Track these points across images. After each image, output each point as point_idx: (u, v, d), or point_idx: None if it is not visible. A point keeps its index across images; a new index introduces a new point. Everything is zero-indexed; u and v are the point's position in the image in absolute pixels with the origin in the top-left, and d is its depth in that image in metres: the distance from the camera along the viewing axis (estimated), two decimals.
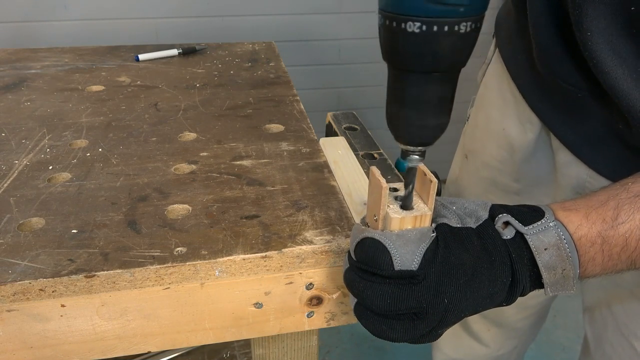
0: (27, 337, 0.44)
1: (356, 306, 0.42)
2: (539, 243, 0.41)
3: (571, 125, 0.61)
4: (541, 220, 0.42)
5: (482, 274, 0.40)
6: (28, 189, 0.54)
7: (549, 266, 0.41)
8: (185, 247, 0.45)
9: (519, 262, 0.41)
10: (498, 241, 0.41)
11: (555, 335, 1.62)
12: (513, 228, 0.41)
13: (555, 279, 0.42)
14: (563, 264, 0.41)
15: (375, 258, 0.39)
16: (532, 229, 0.41)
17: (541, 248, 0.41)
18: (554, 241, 0.41)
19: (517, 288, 0.41)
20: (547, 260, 0.41)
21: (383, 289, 0.39)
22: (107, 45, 1.05)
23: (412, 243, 0.39)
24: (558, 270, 0.41)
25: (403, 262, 0.38)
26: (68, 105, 0.75)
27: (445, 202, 0.43)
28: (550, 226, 0.41)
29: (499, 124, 0.74)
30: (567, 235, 0.41)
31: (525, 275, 0.41)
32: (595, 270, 0.43)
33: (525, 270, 0.41)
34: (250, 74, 0.90)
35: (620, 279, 0.64)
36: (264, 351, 0.57)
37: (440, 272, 0.39)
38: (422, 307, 0.38)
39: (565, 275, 0.42)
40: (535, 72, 0.62)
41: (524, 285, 0.41)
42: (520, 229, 0.41)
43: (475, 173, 0.82)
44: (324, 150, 0.63)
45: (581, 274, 0.43)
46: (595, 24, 0.48)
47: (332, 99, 1.96)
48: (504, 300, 0.42)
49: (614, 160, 0.58)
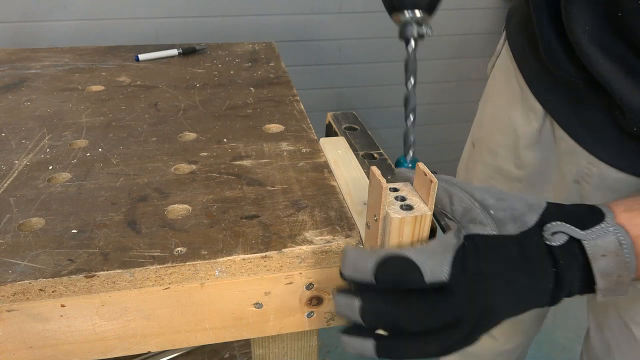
0: (27, 337, 0.44)
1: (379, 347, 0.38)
2: (596, 249, 0.38)
3: (573, 114, 0.63)
4: (601, 224, 0.39)
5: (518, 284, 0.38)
6: (28, 189, 0.54)
7: (604, 273, 0.39)
8: (185, 247, 0.45)
9: (568, 270, 0.39)
10: (542, 250, 0.39)
11: (555, 335, 1.61)
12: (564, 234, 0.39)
13: (609, 285, 0.39)
14: (620, 271, 0.39)
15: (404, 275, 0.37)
16: (591, 233, 0.39)
17: (598, 254, 0.38)
18: (614, 247, 0.38)
19: (562, 293, 0.39)
20: (604, 267, 0.38)
21: (420, 307, 0.37)
22: (107, 45, 1.05)
23: (437, 255, 0.38)
24: (613, 276, 0.39)
25: (434, 274, 0.36)
26: (68, 105, 0.75)
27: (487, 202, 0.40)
28: (610, 231, 0.39)
29: (505, 113, 0.76)
30: (629, 240, 0.39)
31: (573, 282, 0.39)
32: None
33: (574, 277, 0.39)
34: (250, 74, 0.90)
35: None
36: (264, 351, 0.57)
37: (473, 280, 0.37)
38: (457, 317, 0.37)
39: (619, 281, 0.39)
40: (540, 62, 0.64)
41: (569, 290, 0.39)
42: (577, 235, 0.39)
43: (481, 160, 0.84)
44: (324, 150, 0.63)
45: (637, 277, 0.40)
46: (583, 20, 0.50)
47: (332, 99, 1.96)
48: (547, 303, 0.40)
49: (613, 146, 0.60)
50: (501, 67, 0.78)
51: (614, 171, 0.61)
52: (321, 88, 1.92)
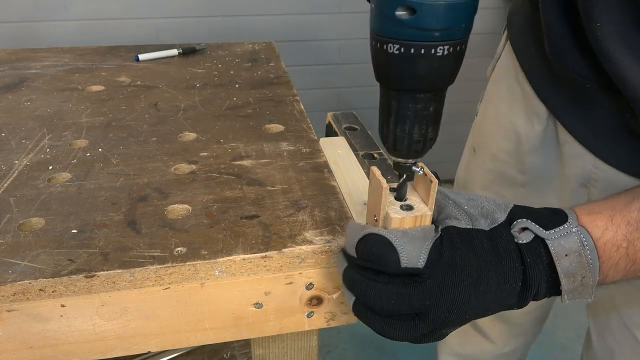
0: (27, 337, 0.44)
1: (355, 304, 0.41)
2: (559, 249, 0.40)
3: (579, 116, 0.62)
4: (563, 225, 0.40)
5: (489, 277, 0.39)
6: (28, 189, 0.54)
7: (568, 273, 0.40)
8: (185, 247, 0.45)
9: (534, 267, 0.40)
10: (510, 245, 0.40)
11: (555, 335, 1.62)
12: (531, 232, 0.40)
13: (574, 286, 0.40)
14: (583, 271, 0.40)
15: (382, 255, 0.38)
16: (554, 233, 0.40)
17: (562, 254, 0.40)
18: (576, 247, 0.40)
19: (529, 292, 0.40)
20: (567, 267, 0.40)
21: (388, 288, 0.38)
22: (107, 45, 1.05)
23: (417, 241, 0.38)
24: (577, 277, 0.40)
25: (410, 260, 0.37)
26: (68, 105, 0.75)
27: (459, 200, 0.42)
28: (573, 231, 0.40)
29: (507, 117, 0.75)
30: (590, 241, 0.40)
31: (540, 281, 0.40)
32: (617, 276, 0.42)
33: (540, 276, 0.40)
34: (250, 74, 0.90)
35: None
36: (264, 351, 0.57)
37: (445, 272, 0.38)
38: (425, 307, 0.38)
39: (584, 283, 0.40)
40: (546, 63, 0.63)
41: (537, 290, 0.40)
42: (541, 233, 0.40)
43: (483, 166, 0.83)
44: (324, 150, 0.63)
45: (601, 281, 0.42)
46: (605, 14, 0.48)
47: (332, 99, 1.96)
48: (514, 304, 0.41)
49: (621, 149, 0.59)
50: (502, 70, 0.77)
51: (622, 175, 0.60)
52: (321, 88, 1.92)
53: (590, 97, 0.59)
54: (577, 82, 0.58)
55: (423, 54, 0.34)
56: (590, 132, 0.61)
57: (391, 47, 0.35)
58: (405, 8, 0.33)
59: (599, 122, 0.60)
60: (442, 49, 0.35)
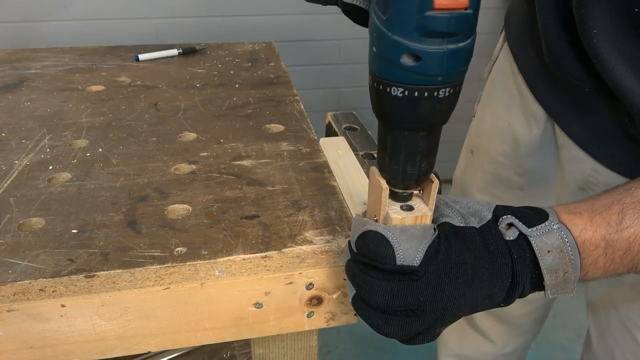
0: (27, 337, 0.44)
1: (354, 298, 0.41)
2: (542, 245, 0.41)
3: (577, 119, 0.62)
4: (545, 222, 0.41)
5: (483, 274, 0.40)
6: (28, 189, 0.54)
7: (551, 269, 0.41)
8: (185, 247, 0.45)
9: (521, 264, 0.41)
10: (500, 242, 0.41)
11: (555, 335, 1.62)
12: (516, 229, 0.41)
13: (557, 281, 0.41)
14: (565, 267, 0.41)
15: (378, 251, 0.38)
16: (536, 230, 0.41)
17: (544, 250, 0.41)
18: (557, 244, 0.41)
19: (517, 289, 0.41)
20: (550, 263, 0.41)
21: (382, 285, 0.38)
22: (107, 45, 1.05)
23: (415, 239, 0.39)
24: (560, 273, 0.41)
25: (405, 257, 0.38)
26: (68, 105, 0.75)
27: (448, 201, 0.43)
28: (554, 229, 0.41)
29: (504, 120, 0.75)
30: (571, 238, 0.41)
31: (526, 277, 0.41)
32: (597, 274, 0.43)
33: (526, 272, 0.41)
34: (250, 74, 0.90)
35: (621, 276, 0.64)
36: (264, 351, 0.57)
37: (441, 269, 0.38)
38: (420, 305, 0.38)
39: (566, 278, 0.41)
40: (544, 65, 0.63)
41: (523, 287, 0.41)
42: (524, 230, 0.41)
43: (481, 168, 0.83)
44: (324, 150, 0.63)
45: (582, 277, 0.43)
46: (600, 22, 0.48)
47: (332, 99, 1.96)
48: (502, 300, 0.42)
49: (620, 153, 0.59)
50: (499, 72, 0.76)
51: (621, 179, 0.59)
52: (321, 88, 1.92)
53: (588, 100, 0.59)
54: (575, 85, 0.58)
55: (426, 96, 0.35)
56: (589, 136, 0.61)
57: (395, 90, 0.35)
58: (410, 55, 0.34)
59: (597, 126, 0.60)
60: (444, 92, 0.36)
